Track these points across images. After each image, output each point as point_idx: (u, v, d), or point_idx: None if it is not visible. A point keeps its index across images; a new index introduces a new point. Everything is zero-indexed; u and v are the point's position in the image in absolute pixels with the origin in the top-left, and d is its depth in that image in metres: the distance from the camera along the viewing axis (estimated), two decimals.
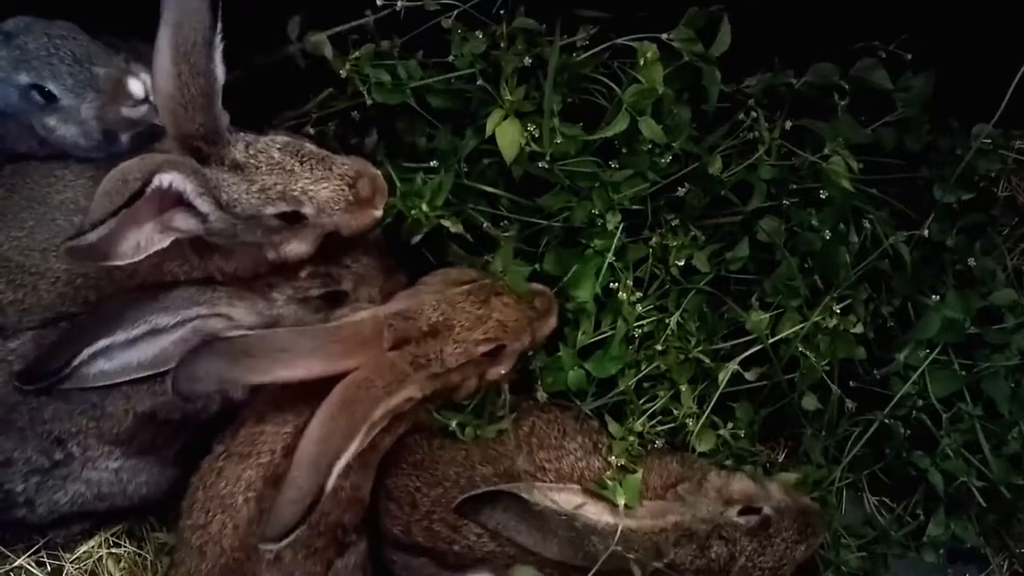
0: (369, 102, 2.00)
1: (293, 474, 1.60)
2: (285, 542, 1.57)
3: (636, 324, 1.96)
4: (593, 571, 1.75)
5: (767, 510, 1.86)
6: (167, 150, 1.79)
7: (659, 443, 1.97)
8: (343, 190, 1.85)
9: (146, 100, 1.90)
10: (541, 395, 1.97)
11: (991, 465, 2.01)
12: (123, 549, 2.11)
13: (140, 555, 2.12)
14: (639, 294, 1.96)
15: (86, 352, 1.79)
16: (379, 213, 1.92)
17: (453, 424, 1.92)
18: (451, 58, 1.97)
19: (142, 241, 1.70)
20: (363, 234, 1.95)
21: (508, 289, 1.89)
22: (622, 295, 1.93)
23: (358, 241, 1.99)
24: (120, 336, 1.79)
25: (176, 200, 1.72)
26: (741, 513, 1.86)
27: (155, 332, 1.82)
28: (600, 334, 1.97)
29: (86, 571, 2.08)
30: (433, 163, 2.00)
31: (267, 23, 1.99)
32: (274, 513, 1.59)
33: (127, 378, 1.85)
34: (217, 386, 1.68)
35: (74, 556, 2.08)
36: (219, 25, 1.73)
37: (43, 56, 1.87)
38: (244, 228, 1.84)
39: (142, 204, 1.63)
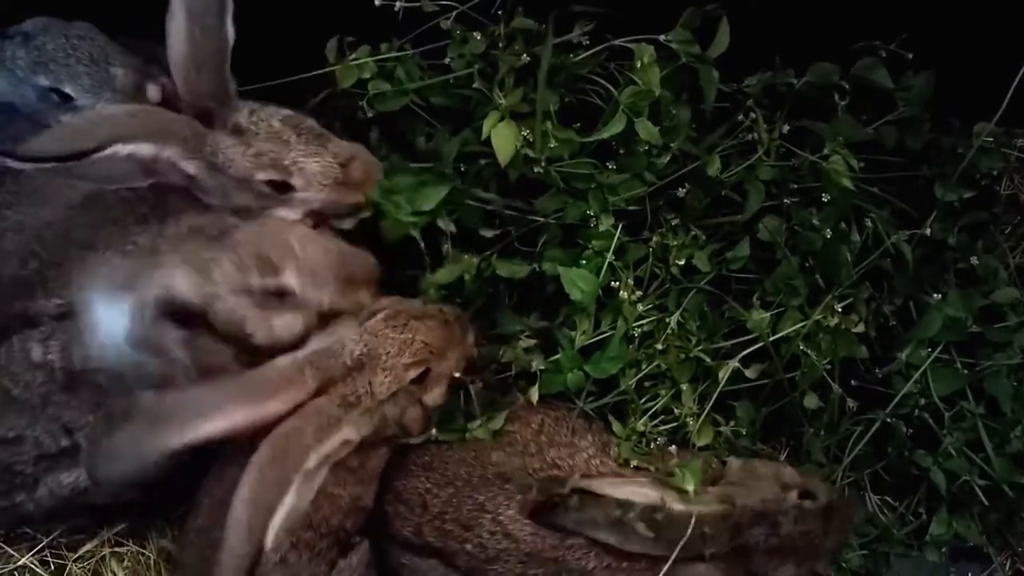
0: (370, 114, 2.04)
1: (228, 537, 1.51)
2: None
3: (636, 324, 1.95)
4: (672, 559, 1.75)
5: (824, 496, 1.87)
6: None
7: (660, 441, 1.96)
8: (334, 167, 1.88)
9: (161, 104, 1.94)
10: (533, 397, 1.96)
11: (993, 464, 2.00)
12: (126, 548, 2.11)
13: (143, 554, 2.12)
14: (639, 293, 1.96)
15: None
16: (362, 199, 1.93)
17: (433, 432, 1.92)
18: (448, 60, 1.98)
19: (123, 175, 1.75)
20: (345, 217, 1.96)
21: (425, 311, 1.86)
22: (623, 294, 1.93)
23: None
24: None
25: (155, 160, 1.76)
26: (801, 497, 1.87)
27: None
28: (600, 334, 1.97)
29: (89, 570, 2.08)
30: (429, 164, 2.01)
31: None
32: None
33: None
34: (142, 462, 1.53)
35: (77, 555, 2.08)
36: None
37: (60, 57, 1.91)
38: (236, 190, 1.87)
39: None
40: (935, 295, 2.02)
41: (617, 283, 1.95)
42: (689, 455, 1.97)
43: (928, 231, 2.02)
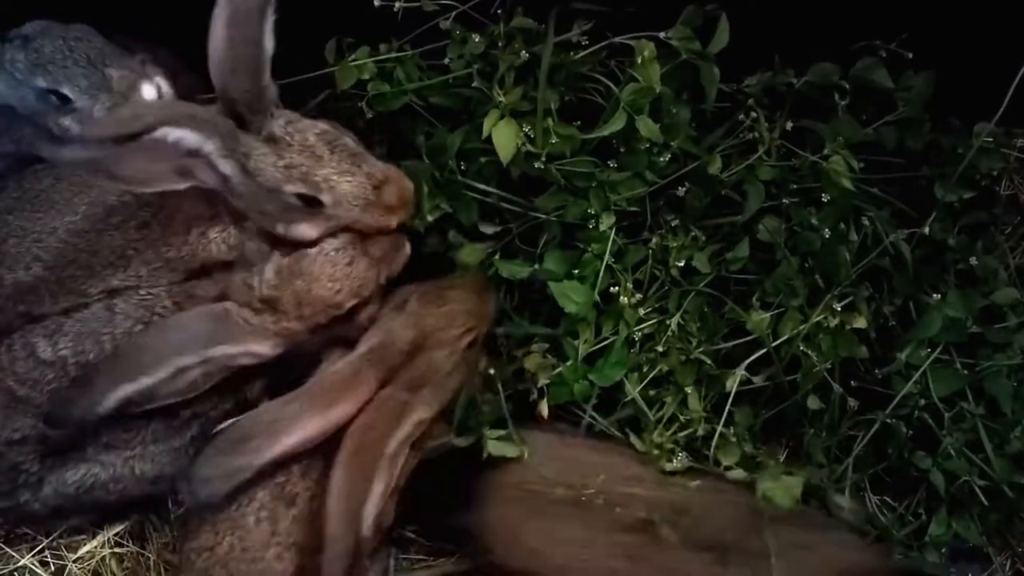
0: (370, 115, 2.04)
1: (330, 531, 1.63)
2: None
3: (636, 328, 1.96)
4: None
5: None
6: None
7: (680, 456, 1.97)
8: (365, 188, 1.86)
9: None
10: (543, 410, 1.98)
11: (993, 464, 1.99)
12: (126, 549, 2.11)
13: (143, 555, 2.11)
14: (639, 296, 1.96)
15: (112, 399, 1.75)
16: (394, 223, 1.93)
17: (451, 437, 1.94)
18: (447, 60, 1.98)
19: (155, 175, 1.74)
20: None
21: (452, 283, 1.94)
22: (623, 299, 1.93)
23: None
24: (145, 381, 1.76)
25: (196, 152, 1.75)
26: None
27: (181, 371, 1.79)
28: (602, 340, 1.97)
29: (89, 571, 2.08)
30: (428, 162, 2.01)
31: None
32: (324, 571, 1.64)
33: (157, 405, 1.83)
34: (233, 480, 1.68)
35: (77, 555, 2.08)
36: None
37: (58, 59, 1.91)
38: (266, 199, 1.85)
39: (153, 144, 1.67)
40: (935, 295, 2.02)
41: (616, 288, 1.95)
42: None
43: (927, 231, 2.02)
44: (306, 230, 1.90)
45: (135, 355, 1.78)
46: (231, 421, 1.73)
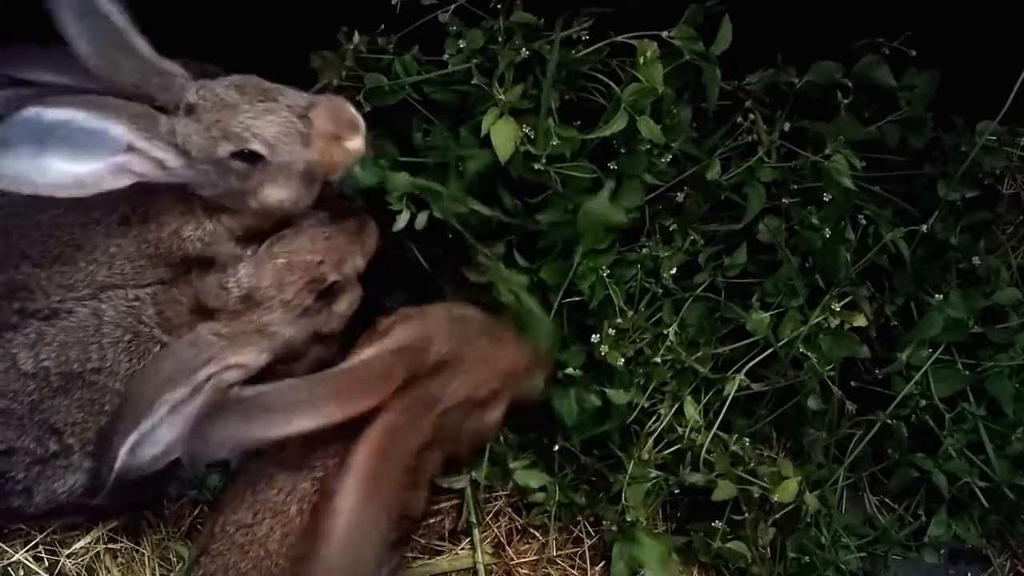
0: (368, 109, 1.99)
1: (328, 548, 1.48)
2: None
3: (629, 344, 1.96)
4: None
5: None
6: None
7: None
8: (292, 122, 1.74)
9: None
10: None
11: (994, 466, 1.99)
12: (120, 545, 2.10)
13: (137, 551, 2.11)
14: (631, 314, 1.96)
15: (122, 452, 1.68)
16: (355, 145, 1.79)
17: None
18: (445, 56, 1.95)
19: (87, 177, 1.66)
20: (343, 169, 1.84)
21: (507, 336, 1.83)
22: (594, 337, 1.93)
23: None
24: (146, 425, 1.69)
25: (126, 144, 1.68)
26: None
27: (176, 407, 1.71)
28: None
29: (83, 566, 2.07)
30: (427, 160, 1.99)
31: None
32: None
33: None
34: (237, 448, 1.61)
35: (71, 551, 2.07)
36: None
37: None
38: (216, 175, 1.78)
39: (63, 142, 1.61)
40: (936, 295, 2.01)
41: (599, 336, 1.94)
42: None
43: (928, 229, 2.00)
44: (273, 191, 1.81)
45: (130, 407, 1.72)
46: (255, 388, 1.64)
